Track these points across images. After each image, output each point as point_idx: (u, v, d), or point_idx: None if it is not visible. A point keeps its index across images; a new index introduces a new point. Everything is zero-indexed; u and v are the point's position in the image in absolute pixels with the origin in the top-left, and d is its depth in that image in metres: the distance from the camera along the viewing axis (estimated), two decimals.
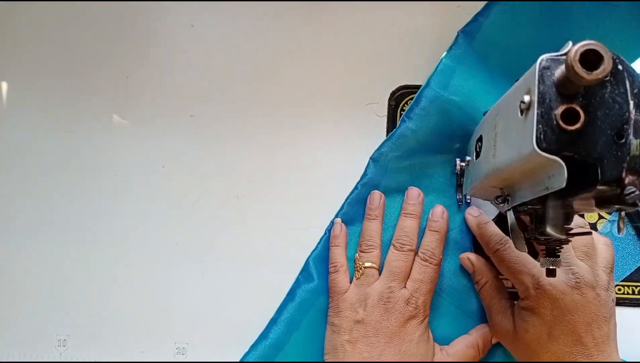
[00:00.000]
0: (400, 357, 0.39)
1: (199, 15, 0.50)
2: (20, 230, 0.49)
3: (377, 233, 0.43)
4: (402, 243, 0.42)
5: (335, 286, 0.42)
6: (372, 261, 0.42)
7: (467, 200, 0.45)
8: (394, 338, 0.39)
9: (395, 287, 0.40)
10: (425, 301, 0.40)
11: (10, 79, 0.51)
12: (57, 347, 0.47)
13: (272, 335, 0.44)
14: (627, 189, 0.24)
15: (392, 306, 0.40)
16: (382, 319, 0.39)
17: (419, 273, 0.41)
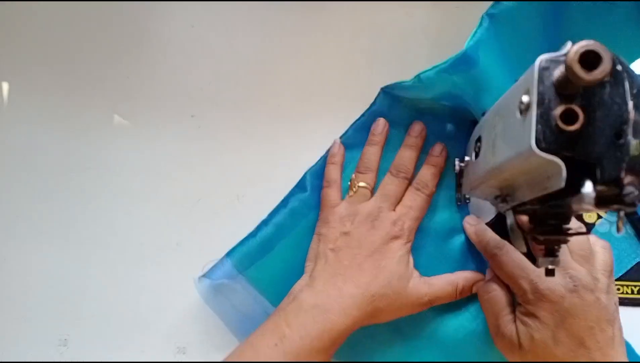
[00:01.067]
0: (378, 270, 0.40)
1: (199, 15, 0.50)
2: (20, 230, 0.49)
3: (376, 158, 0.45)
4: (399, 170, 0.44)
5: (326, 200, 0.44)
6: (367, 183, 0.44)
7: (466, 200, 0.45)
8: (376, 252, 0.41)
9: (384, 208, 0.42)
10: (410, 227, 0.42)
11: (11, 79, 0.51)
12: (57, 347, 0.48)
13: (260, 235, 0.45)
14: (626, 190, 0.24)
15: (379, 224, 0.42)
16: (368, 234, 0.41)
17: (409, 200, 0.43)
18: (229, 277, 0.44)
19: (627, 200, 0.24)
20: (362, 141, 0.46)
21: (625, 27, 0.43)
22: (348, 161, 0.46)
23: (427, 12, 0.49)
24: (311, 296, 0.40)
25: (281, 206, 0.46)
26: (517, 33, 0.41)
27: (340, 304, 0.39)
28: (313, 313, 0.39)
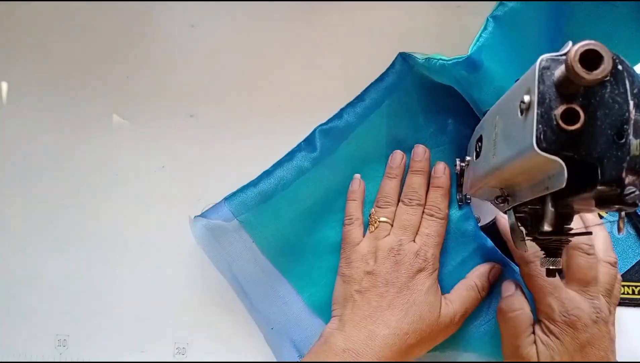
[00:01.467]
0: (409, 306, 0.40)
1: (199, 15, 0.50)
2: (20, 230, 0.49)
3: (395, 192, 0.44)
4: (410, 199, 0.43)
5: (348, 238, 0.44)
6: (387, 217, 0.43)
7: (467, 200, 0.45)
8: (403, 288, 0.40)
9: (405, 240, 0.41)
10: (434, 254, 0.42)
11: (10, 79, 0.51)
12: (57, 347, 0.47)
13: (261, 184, 0.45)
14: (627, 189, 0.24)
15: (402, 258, 0.41)
16: (392, 270, 0.41)
17: (426, 228, 0.42)
18: (224, 219, 0.44)
19: (628, 200, 0.24)
20: (379, 103, 0.45)
21: (627, 27, 0.43)
22: (367, 129, 0.45)
23: (427, 12, 0.49)
24: (342, 341, 0.39)
25: (286, 159, 0.45)
26: (522, 34, 0.41)
27: (372, 347, 0.38)
28: (344, 357, 0.38)
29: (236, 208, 0.45)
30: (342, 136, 0.46)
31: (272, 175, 0.45)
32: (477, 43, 0.40)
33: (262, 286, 0.45)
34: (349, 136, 0.46)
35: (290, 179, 0.45)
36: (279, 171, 0.45)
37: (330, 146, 0.45)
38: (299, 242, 0.45)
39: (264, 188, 0.45)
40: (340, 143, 0.46)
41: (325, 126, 0.46)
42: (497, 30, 0.40)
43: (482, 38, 0.40)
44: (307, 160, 0.45)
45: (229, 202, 0.45)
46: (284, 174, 0.45)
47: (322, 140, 0.45)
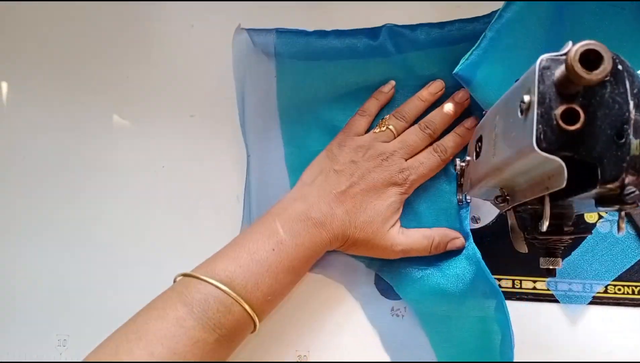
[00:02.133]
0: (368, 206, 0.42)
1: (199, 15, 0.50)
2: (20, 230, 0.49)
3: (416, 112, 0.45)
4: (427, 126, 0.44)
5: (353, 125, 0.45)
6: (396, 128, 0.44)
7: (467, 200, 0.45)
8: (372, 189, 0.42)
9: (398, 153, 0.43)
10: (414, 181, 0.43)
11: (10, 79, 0.51)
12: (57, 347, 0.47)
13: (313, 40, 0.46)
14: (627, 189, 0.24)
15: (387, 165, 0.42)
16: (372, 170, 0.42)
17: (424, 157, 0.43)
18: (263, 45, 0.46)
19: (628, 200, 0.24)
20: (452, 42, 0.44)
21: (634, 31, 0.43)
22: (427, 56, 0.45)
23: (427, 12, 0.49)
24: (306, 208, 0.41)
25: (347, 33, 0.45)
26: (525, 38, 0.41)
27: (331, 222, 0.41)
28: (307, 224, 0.40)
29: (281, 45, 0.46)
30: (404, 47, 0.46)
31: (326, 38, 0.45)
32: (465, 62, 0.40)
33: (260, 118, 0.47)
34: (410, 52, 0.46)
35: (340, 54, 0.45)
36: (334, 39, 0.45)
37: (390, 46, 0.45)
38: (312, 109, 0.47)
39: (313, 45, 0.45)
40: (400, 51, 0.46)
41: (396, 28, 0.45)
42: (493, 42, 0.40)
43: (474, 55, 0.40)
44: (364, 46, 0.45)
45: (278, 35, 0.46)
46: (337, 44, 0.45)
47: (387, 37, 0.45)
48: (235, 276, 0.37)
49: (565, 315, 0.43)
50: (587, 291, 0.44)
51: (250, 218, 0.46)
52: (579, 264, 0.44)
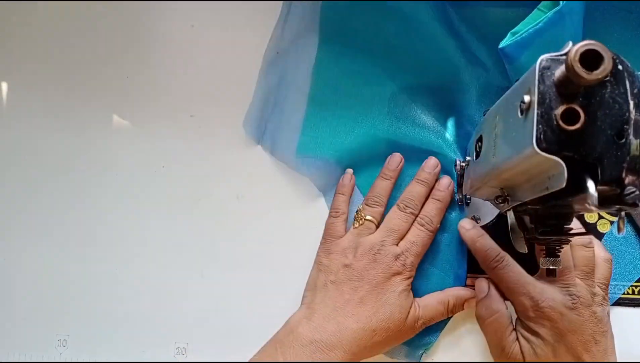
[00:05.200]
0: (380, 304, 0.40)
1: (199, 15, 0.50)
2: (21, 230, 0.49)
3: (386, 193, 0.44)
4: (406, 205, 0.43)
5: (331, 230, 0.44)
6: (374, 216, 0.43)
7: (467, 200, 0.45)
8: (378, 287, 0.40)
9: (387, 242, 0.42)
10: (413, 263, 0.42)
11: (10, 79, 0.51)
12: (57, 347, 0.47)
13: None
14: (627, 189, 0.24)
15: (381, 258, 0.41)
16: (369, 267, 0.41)
17: (413, 236, 0.42)
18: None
19: (628, 200, 0.24)
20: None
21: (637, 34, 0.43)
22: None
23: None
24: (309, 331, 0.39)
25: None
26: (569, 30, 0.39)
27: (340, 340, 0.39)
28: (311, 349, 0.38)
29: (324, 12, 0.46)
30: None
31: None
32: (515, 38, 0.38)
33: (289, 89, 0.47)
34: None
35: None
36: None
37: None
38: (341, 99, 0.46)
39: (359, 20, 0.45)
40: None
41: None
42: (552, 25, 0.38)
43: (527, 34, 0.38)
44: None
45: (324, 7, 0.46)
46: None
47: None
48: None
49: None
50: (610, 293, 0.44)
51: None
52: None
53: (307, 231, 0.47)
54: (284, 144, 0.47)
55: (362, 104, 0.46)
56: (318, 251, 0.44)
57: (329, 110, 0.47)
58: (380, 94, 0.46)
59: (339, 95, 0.47)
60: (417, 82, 0.46)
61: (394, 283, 0.41)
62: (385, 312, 0.40)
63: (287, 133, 0.47)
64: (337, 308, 0.40)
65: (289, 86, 0.47)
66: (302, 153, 0.46)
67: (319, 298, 0.41)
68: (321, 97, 0.47)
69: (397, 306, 0.40)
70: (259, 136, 0.48)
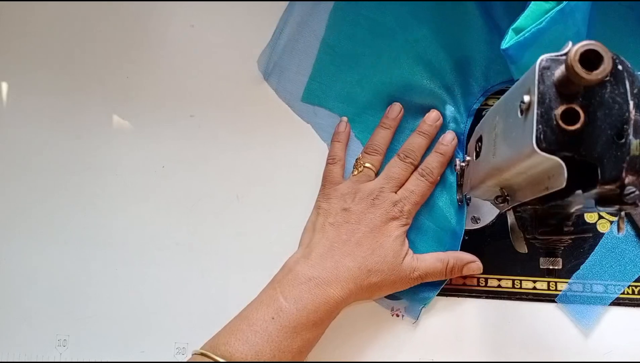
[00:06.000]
0: (376, 246, 0.41)
1: (199, 15, 0.50)
2: (20, 230, 0.49)
3: (385, 142, 0.45)
4: (406, 155, 0.44)
5: (329, 176, 0.45)
6: (372, 164, 0.44)
7: (467, 200, 0.45)
8: (374, 229, 0.41)
9: (386, 189, 0.43)
10: (410, 210, 0.43)
11: (10, 79, 0.51)
12: (57, 347, 0.47)
13: None
14: (627, 189, 0.24)
15: (380, 203, 0.42)
16: (367, 211, 0.42)
17: (412, 185, 0.43)
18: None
19: (628, 200, 0.24)
20: None
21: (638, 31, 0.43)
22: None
23: None
24: (307, 269, 0.40)
25: None
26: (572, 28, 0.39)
27: (337, 276, 0.40)
28: (309, 286, 0.39)
29: None
30: None
31: None
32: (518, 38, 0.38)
33: (303, 30, 0.47)
34: None
35: None
36: None
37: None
38: (355, 47, 0.46)
39: None
40: None
41: None
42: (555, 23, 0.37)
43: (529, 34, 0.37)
44: None
45: None
46: None
47: None
48: (235, 350, 0.37)
49: (564, 315, 0.43)
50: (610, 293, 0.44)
51: None
52: (599, 265, 0.44)
53: None
54: (290, 86, 0.48)
55: (375, 56, 0.47)
56: (317, 197, 0.45)
57: (341, 58, 0.47)
58: (394, 46, 0.46)
59: (353, 43, 0.47)
60: (432, 37, 0.46)
61: (391, 228, 0.42)
62: (380, 254, 0.41)
63: (295, 75, 0.48)
64: (334, 247, 0.41)
65: (304, 27, 0.47)
66: (307, 100, 0.47)
67: (316, 238, 0.42)
68: (335, 43, 0.47)
69: (390, 250, 0.41)
70: (267, 72, 0.48)
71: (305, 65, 0.47)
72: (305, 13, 0.47)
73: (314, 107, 0.48)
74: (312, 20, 0.47)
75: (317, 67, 0.47)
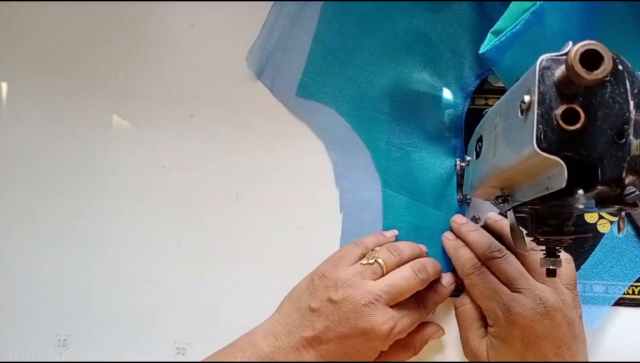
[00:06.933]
0: (340, 355, 0.39)
1: (199, 15, 0.50)
2: (20, 230, 0.49)
3: (409, 257, 0.42)
4: (421, 270, 0.40)
5: (345, 253, 0.42)
6: (386, 263, 0.41)
7: (467, 200, 0.45)
8: (348, 339, 0.39)
9: (382, 299, 0.39)
10: (397, 334, 0.39)
11: (10, 79, 0.51)
12: (57, 347, 0.47)
13: None
14: (627, 189, 0.24)
15: (368, 312, 0.38)
16: (351, 317, 0.38)
17: (408, 310, 0.41)
18: None
19: (628, 200, 0.24)
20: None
21: None
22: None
23: None
24: (272, 351, 0.39)
25: None
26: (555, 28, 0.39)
27: None
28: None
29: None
30: None
31: None
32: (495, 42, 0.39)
33: (295, 26, 0.47)
34: None
35: None
36: None
37: None
38: (347, 42, 0.46)
39: None
40: None
41: None
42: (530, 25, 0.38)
43: (505, 37, 0.38)
44: None
45: None
46: None
47: None
48: None
49: None
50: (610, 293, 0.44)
51: None
52: (600, 265, 0.44)
53: (307, 231, 0.47)
54: (284, 83, 0.48)
55: (366, 49, 0.46)
56: (322, 263, 0.43)
57: (333, 53, 0.47)
58: (385, 38, 0.46)
59: (344, 38, 0.47)
60: (421, 27, 0.46)
61: (366, 347, 0.39)
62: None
63: (288, 72, 0.47)
64: (302, 337, 0.39)
65: (295, 23, 0.47)
66: (302, 95, 0.47)
67: (292, 318, 0.40)
68: (326, 38, 0.47)
69: (363, 353, 0.39)
70: (259, 71, 0.48)
71: (298, 62, 0.47)
72: (296, 10, 0.47)
73: (309, 102, 0.47)
74: (303, 17, 0.47)
75: (310, 63, 0.47)
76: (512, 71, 0.40)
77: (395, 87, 0.46)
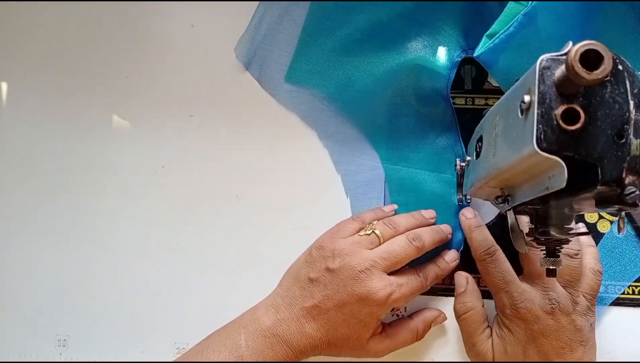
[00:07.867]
0: (342, 324, 0.39)
1: (199, 15, 0.50)
2: (20, 230, 0.49)
3: (407, 227, 0.42)
4: (415, 238, 0.41)
5: (342, 227, 0.42)
6: (382, 235, 0.41)
7: (467, 200, 0.45)
8: (347, 305, 0.39)
9: (379, 266, 0.39)
10: (395, 301, 0.39)
11: (10, 79, 0.51)
12: (57, 347, 0.47)
13: None
14: (628, 189, 0.24)
15: (365, 278, 0.39)
16: (349, 283, 0.39)
17: (407, 278, 0.41)
18: None
19: (628, 200, 0.24)
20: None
21: None
22: None
23: None
24: (274, 324, 0.40)
25: None
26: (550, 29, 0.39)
27: (299, 341, 0.39)
28: (272, 342, 0.39)
29: None
30: None
31: None
32: (489, 45, 0.39)
33: (284, 19, 0.47)
34: None
35: None
36: None
37: None
38: (336, 29, 0.46)
39: None
40: None
41: None
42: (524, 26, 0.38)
43: (499, 40, 0.38)
44: None
45: None
46: None
47: None
48: None
49: None
50: (610, 293, 0.44)
51: None
52: None
53: (307, 231, 0.46)
54: (272, 73, 0.48)
55: (356, 37, 0.46)
56: (321, 236, 0.43)
57: (322, 41, 0.47)
58: (375, 26, 0.45)
59: (333, 25, 0.46)
60: (411, 13, 0.45)
61: (363, 312, 0.39)
62: (343, 333, 0.40)
63: (276, 63, 0.48)
64: (303, 308, 0.40)
65: (284, 15, 0.47)
66: (290, 81, 0.47)
67: (292, 290, 0.41)
68: (316, 27, 0.47)
69: (355, 333, 0.40)
70: (248, 62, 0.48)
71: (287, 52, 0.47)
72: (285, 4, 0.47)
73: (298, 90, 0.47)
74: (292, 9, 0.47)
75: (299, 51, 0.47)
76: (507, 73, 0.40)
77: (382, 69, 0.46)
